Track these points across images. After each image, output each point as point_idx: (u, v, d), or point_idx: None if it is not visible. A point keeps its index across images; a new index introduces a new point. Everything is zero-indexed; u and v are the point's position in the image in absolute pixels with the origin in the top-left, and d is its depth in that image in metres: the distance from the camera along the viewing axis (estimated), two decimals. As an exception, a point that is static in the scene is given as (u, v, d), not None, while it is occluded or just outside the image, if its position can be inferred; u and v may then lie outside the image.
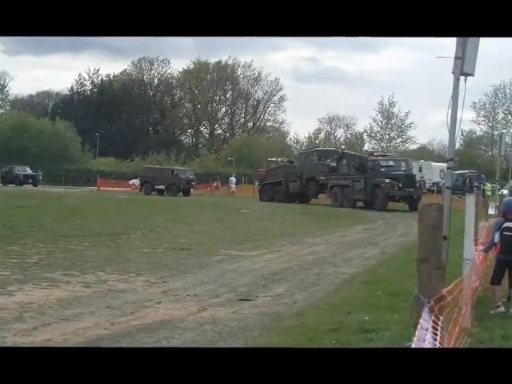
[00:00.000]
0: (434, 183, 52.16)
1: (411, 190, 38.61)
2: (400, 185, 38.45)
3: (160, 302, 10.29)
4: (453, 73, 6.70)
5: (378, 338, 7.69)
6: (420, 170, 56.44)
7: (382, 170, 39.68)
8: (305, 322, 8.95)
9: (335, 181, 42.61)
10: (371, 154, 47.84)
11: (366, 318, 8.77)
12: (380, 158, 42.58)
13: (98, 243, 17.86)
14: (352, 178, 41.51)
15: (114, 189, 60.08)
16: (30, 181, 63.13)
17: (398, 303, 9.96)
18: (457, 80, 6.61)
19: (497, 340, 7.75)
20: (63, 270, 13.07)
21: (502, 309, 9.52)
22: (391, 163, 41.36)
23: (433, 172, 58.61)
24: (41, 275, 12.25)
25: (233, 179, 60.97)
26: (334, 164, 44.92)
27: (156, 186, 55.55)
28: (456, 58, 6.57)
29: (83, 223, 23.33)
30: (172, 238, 20.50)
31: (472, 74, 6.66)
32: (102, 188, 60.27)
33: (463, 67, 6.59)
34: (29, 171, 65.37)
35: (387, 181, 38.41)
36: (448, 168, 7.06)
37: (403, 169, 40.94)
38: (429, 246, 3.68)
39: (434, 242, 3.69)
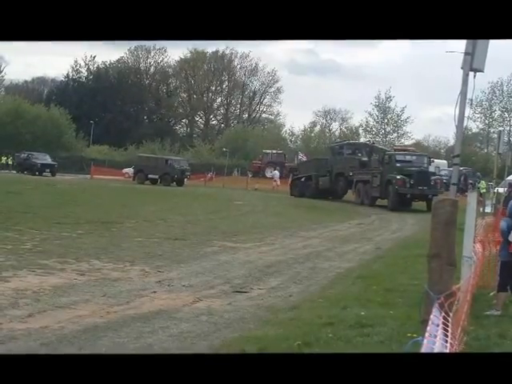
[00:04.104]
0: None
1: (424, 188, 34.91)
2: (412, 182, 35.18)
3: (155, 292, 10.25)
4: (462, 68, 6.62)
5: (374, 332, 7.67)
6: None
7: (398, 165, 36.55)
8: (300, 315, 8.93)
9: (359, 176, 39.64)
10: (392, 147, 46.01)
11: (362, 313, 8.75)
12: (397, 152, 39.59)
13: (92, 231, 17.80)
14: (372, 173, 38.43)
15: (108, 177, 59.76)
16: (48, 170, 59.51)
17: (393, 299, 9.97)
18: (466, 76, 6.53)
19: (493, 338, 7.73)
20: (58, 257, 13.00)
21: (498, 313, 9.41)
22: (408, 158, 37.91)
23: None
24: (35, 262, 12.18)
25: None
26: (365, 158, 41.36)
27: (149, 176, 55.27)
28: (466, 53, 6.49)
29: (77, 211, 23.26)
30: (166, 227, 20.44)
31: (482, 70, 6.58)
32: (95, 176, 60.00)
33: (473, 63, 6.51)
34: (48, 160, 61.66)
35: (398, 177, 35.33)
36: (454, 164, 7.00)
37: (422, 165, 37.39)
38: (441, 241, 3.62)
39: (447, 238, 3.63)
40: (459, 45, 9.17)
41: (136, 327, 7.94)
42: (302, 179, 45.89)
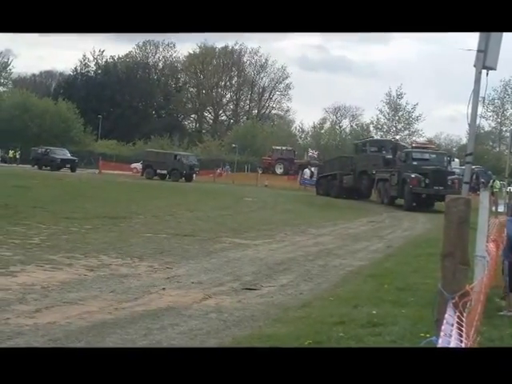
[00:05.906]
0: None
1: (440, 188, 32.84)
2: (427, 181, 33.52)
3: (164, 289, 10.18)
4: (474, 66, 6.51)
5: (386, 332, 7.57)
6: None
7: (414, 163, 34.81)
8: (311, 313, 8.85)
9: (380, 174, 37.92)
10: (411, 144, 44.84)
11: (374, 312, 8.66)
12: (414, 149, 38.15)
13: (101, 226, 17.76)
14: (390, 171, 36.67)
15: (116, 172, 59.73)
16: (68, 166, 57.86)
17: (405, 298, 9.87)
18: (478, 73, 6.43)
19: (507, 339, 7.64)
20: (65, 252, 12.96)
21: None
22: (426, 156, 36.05)
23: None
24: (43, 257, 12.14)
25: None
26: (390, 156, 38.64)
27: (158, 171, 55.06)
28: (478, 50, 6.38)
29: (85, 206, 23.23)
30: (175, 223, 20.39)
31: (494, 68, 6.47)
32: (103, 171, 59.96)
33: (485, 60, 6.40)
34: (67, 155, 59.92)
35: (413, 176, 33.70)
36: (467, 163, 6.90)
37: (440, 164, 35.41)
38: (454, 240, 3.55)
39: (460, 237, 3.55)
40: (472, 42, 9.06)
41: (145, 324, 7.88)
42: (328, 178, 44.42)
